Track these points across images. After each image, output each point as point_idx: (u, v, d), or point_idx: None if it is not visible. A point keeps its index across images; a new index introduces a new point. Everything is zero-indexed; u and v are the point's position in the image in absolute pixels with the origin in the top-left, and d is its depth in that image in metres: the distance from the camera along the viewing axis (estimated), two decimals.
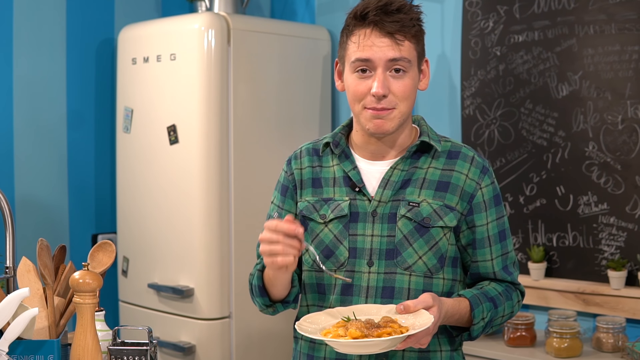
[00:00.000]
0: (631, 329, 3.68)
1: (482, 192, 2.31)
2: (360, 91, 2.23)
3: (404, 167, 2.31)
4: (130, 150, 4.44)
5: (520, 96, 4.06)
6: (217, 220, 4.15)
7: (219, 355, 4.16)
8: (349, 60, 2.25)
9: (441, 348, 2.31)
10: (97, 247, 2.42)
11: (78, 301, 2.20)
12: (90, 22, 4.69)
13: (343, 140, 2.38)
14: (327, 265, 2.30)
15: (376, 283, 2.25)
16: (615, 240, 3.78)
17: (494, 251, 2.33)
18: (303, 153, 2.44)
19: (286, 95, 4.49)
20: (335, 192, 2.34)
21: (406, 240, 2.25)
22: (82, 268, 2.24)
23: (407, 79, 2.23)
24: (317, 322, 2.14)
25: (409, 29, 2.21)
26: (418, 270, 2.25)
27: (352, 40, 2.24)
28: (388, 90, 2.21)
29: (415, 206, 2.26)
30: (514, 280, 2.38)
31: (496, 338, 3.86)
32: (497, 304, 2.28)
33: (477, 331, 2.26)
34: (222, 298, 4.17)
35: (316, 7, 4.92)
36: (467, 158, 2.33)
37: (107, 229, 4.79)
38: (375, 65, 2.20)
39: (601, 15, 3.78)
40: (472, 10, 4.21)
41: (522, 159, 4.06)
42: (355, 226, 2.29)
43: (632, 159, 3.72)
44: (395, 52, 2.20)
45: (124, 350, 2.32)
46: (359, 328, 2.01)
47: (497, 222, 2.34)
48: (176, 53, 4.19)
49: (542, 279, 3.95)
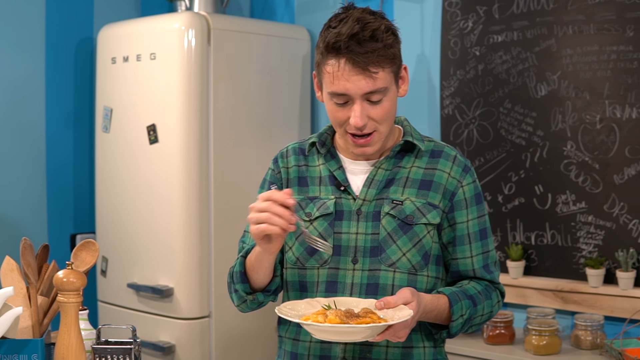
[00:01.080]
0: (609, 327, 3.71)
1: (464, 190, 2.33)
2: (340, 118, 2.24)
3: (388, 166, 2.33)
4: (110, 149, 4.43)
5: (499, 96, 4.08)
6: (196, 220, 4.15)
7: (198, 354, 4.16)
8: (325, 88, 2.24)
9: (424, 344, 2.33)
10: (80, 246, 2.42)
11: (62, 300, 2.19)
12: (69, 22, 4.69)
13: (329, 140, 2.40)
14: (311, 262, 2.31)
15: (360, 280, 2.27)
16: (593, 239, 3.81)
17: (474, 249, 2.35)
18: (289, 152, 2.45)
19: (266, 95, 4.49)
20: (321, 191, 2.35)
21: (390, 238, 2.27)
22: (66, 267, 2.24)
23: (385, 102, 2.22)
24: (297, 309, 2.14)
25: (383, 58, 2.18)
26: (402, 267, 2.27)
27: (327, 70, 2.20)
28: (367, 119, 2.20)
29: (398, 204, 2.28)
30: (494, 279, 2.39)
31: (475, 336, 3.88)
32: (476, 302, 2.30)
33: (456, 328, 2.27)
34: (201, 298, 4.17)
35: (296, 7, 4.93)
36: (450, 157, 2.35)
37: (86, 228, 4.78)
38: (351, 98, 2.19)
39: (580, 16, 3.81)
40: (452, 11, 4.23)
41: (500, 158, 4.08)
42: (340, 224, 2.31)
43: (610, 158, 3.75)
44: (370, 85, 2.17)
45: (108, 349, 2.32)
46: (339, 316, 2.01)
47: (477, 220, 2.36)
48: (156, 52, 4.18)
49: (521, 277, 3.98)
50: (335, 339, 2.05)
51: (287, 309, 2.11)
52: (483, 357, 3.69)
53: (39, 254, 2.46)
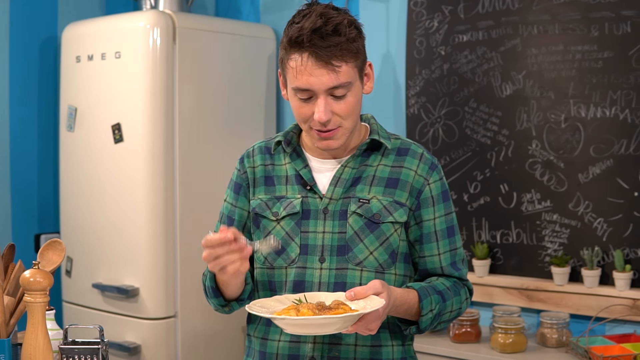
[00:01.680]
0: (575, 324, 3.74)
1: (430, 187, 2.34)
2: (304, 114, 2.24)
3: (354, 165, 2.33)
4: (74, 149, 4.40)
5: (465, 95, 4.10)
6: (162, 220, 4.13)
7: (164, 354, 4.15)
8: (289, 83, 2.25)
9: (392, 342, 2.33)
10: (46, 245, 2.40)
11: (29, 300, 2.17)
12: (33, 20, 4.65)
13: (295, 139, 2.39)
14: (279, 262, 2.31)
15: (328, 279, 2.27)
16: (559, 237, 3.83)
17: (441, 246, 2.36)
18: (255, 151, 2.44)
19: (231, 94, 4.48)
20: (288, 190, 2.35)
21: (357, 236, 2.27)
22: (32, 267, 2.22)
23: (350, 97, 2.22)
24: (267, 306, 2.12)
25: (346, 52, 2.18)
26: (369, 265, 2.27)
27: (290, 65, 2.21)
28: (331, 114, 2.20)
29: (365, 203, 2.28)
30: (462, 276, 2.40)
31: (442, 334, 3.90)
32: (445, 297, 2.30)
33: (425, 323, 2.27)
34: (167, 297, 4.15)
35: (261, 5, 4.92)
36: (416, 155, 2.36)
37: (50, 228, 4.75)
38: (315, 93, 2.19)
39: (545, 16, 3.84)
40: (417, 10, 4.24)
41: (466, 157, 4.10)
42: (307, 223, 2.31)
43: (575, 157, 3.77)
44: (333, 80, 2.17)
45: (75, 349, 2.30)
46: (311, 309, 2.01)
47: (445, 218, 2.36)
48: (121, 51, 4.16)
49: (487, 275, 4.00)
50: (309, 332, 2.04)
51: (257, 306, 2.10)
52: (450, 356, 3.70)
53: (5, 254, 2.44)
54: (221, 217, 2.48)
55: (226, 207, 2.46)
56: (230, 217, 2.44)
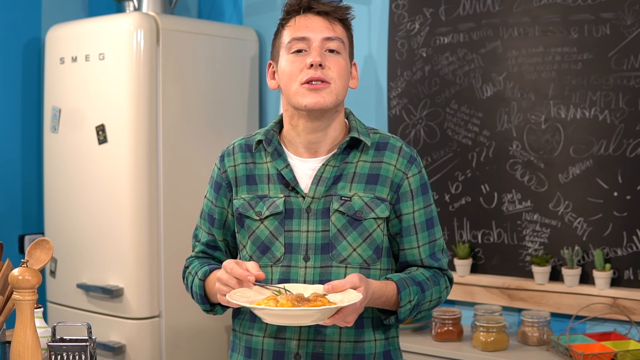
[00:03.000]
0: (555, 323, 3.78)
1: (409, 181, 2.37)
2: (297, 67, 2.30)
3: (335, 163, 2.35)
4: (58, 150, 4.41)
5: (446, 96, 4.13)
6: (146, 220, 4.15)
7: (149, 354, 4.16)
8: (284, 45, 2.33)
9: (375, 337, 2.37)
10: (34, 244, 2.42)
11: (18, 298, 2.19)
12: (16, 22, 4.66)
13: (275, 138, 2.41)
14: (264, 260, 2.34)
15: (313, 277, 2.29)
16: (539, 237, 3.87)
17: (420, 239, 2.39)
18: (236, 149, 2.46)
19: (215, 95, 4.51)
20: (270, 189, 2.37)
21: (340, 234, 2.30)
22: (21, 265, 2.24)
23: (342, 59, 2.33)
24: (247, 295, 2.15)
25: (341, 13, 2.34)
26: (353, 262, 2.30)
27: (288, 26, 2.33)
28: (324, 62, 2.28)
29: (347, 200, 2.31)
30: (442, 266, 2.43)
31: (424, 333, 3.93)
32: (424, 288, 2.33)
33: (404, 314, 2.30)
34: (151, 297, 4.17)
35: (244, 8, 4.95)
36: (395, 149, 2.38)
37: (34, 229, 4.75)
38: (310, 43, 2.29)
39: (525, 18, 3.88)
40: (399, 12, 4.27)
41: (447, 158, 4.14)
42: (290, 222, 2.33)
43: (555, 158, 3.82)
44: (330, 32, 2.31)
45: (63, 346, 2.32)
46: (290, 300, 2.04)
47: (424, 210, 2.39)
48: (105, 53, 4.18)
49: (468, 275, 4.03)
50: (287, 322, 2.08)
51: (238, 295, 2.13)
52: (432, 354, 3.73)
53: None
54: (202, 213, 2.52)
55: (207, 204, 2.50)
56: (211, 215, 2.48)
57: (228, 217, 2.45)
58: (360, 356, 2.34)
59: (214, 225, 2.48)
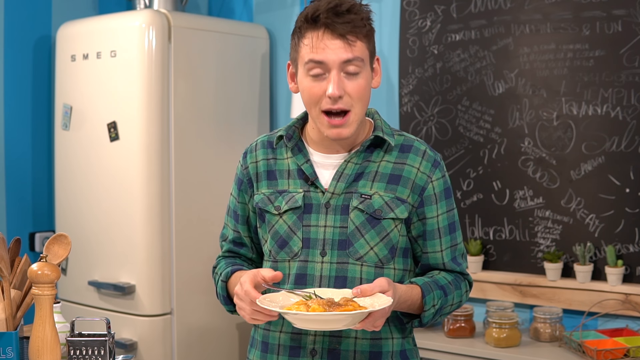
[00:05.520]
0: (567, 319, 3.78)
1: (433, 185, 2.36)
2: (316, 94, 2.26)
3: (357, 160, 2.35)
4: (69, 147, 4.42)
5: (457, 94, 4.14)
6: (158, 217, 4.16)
7: (160, 351, 4.17)
8: (302, 61, 2.28)
9: (392, 335, 2.36)
10: (52, 239, 2.42)
11: (37, 293, 2.20)
12: (27, 19, 4.66)
13: (297, 134, 2.41)
14: (282, 255, 2.34)
15: (329, 272, 2.30)
16: (551, 233, 3.88)
17: (443, 243, 2.39)
18: (258, 146, 2.47)
19: (225, 93, 4.51)
20: (290, 184, 2.38)
21: (358, 232, 2.30)
22: (39, 260, 2.25)
23: (361, 79, 2.26)
24: (276, 300, 2.16)
25: (360, 29, 2.24)
26: (369, 260, 2.30)
27: (305, 43, 2.26)
28: (343, 92, 2.23)
29: (367, 198, 2.31)
30: (463, 270, 2.43)
31: (436, 330, 3.93)
32: (447, 292, 2.34)
33: (427, 317, 2.31)
34: (163, 294, 4.18)
35: (254, 5, 4.95)
36: (419, 152, 2.38)
37: (45, 227, 4.76)
38: (329, 68, 2.23)
39: (537, 15, 3.88)
40: (410, 10, 4.28)
41: (459, 155, 4.14)
42: (309, 217, 2.33)
43: (567, 154, 3.82)
44: (348, 54, 2.23)
45: (82, 341, 2.33)
46: (321, 305, 2.04)
47: (447, 215, 2.39)
48: (116, 50, 4.19)
49: (480, 271, 4.04)
50: (318, 327, 2.08)
51: (267, 301, 2.13)
52: (444, 351, 3.74)
53: (12, 248, 2.46)
54: (228, 210, 2.53)
55: (232, 201, 2.51)
56: (236, 211, 2.49)
57: (250, 213, 2.46)
58: (377, 354, 2.34)
59: (239, 222, 2.48)
